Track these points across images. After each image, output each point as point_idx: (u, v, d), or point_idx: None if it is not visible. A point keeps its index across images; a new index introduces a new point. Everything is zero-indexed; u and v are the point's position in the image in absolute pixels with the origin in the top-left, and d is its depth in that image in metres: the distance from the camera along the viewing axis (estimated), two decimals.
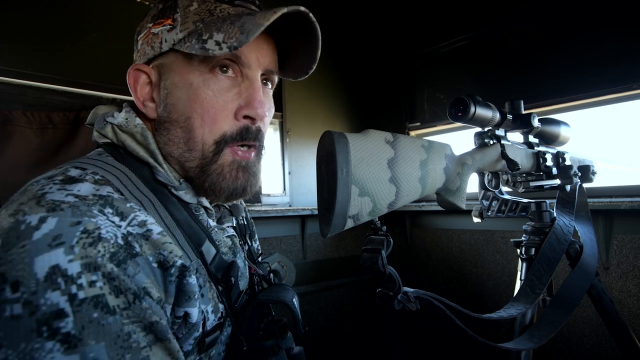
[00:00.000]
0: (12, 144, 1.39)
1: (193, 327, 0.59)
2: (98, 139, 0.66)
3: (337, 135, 0.61)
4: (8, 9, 1.40)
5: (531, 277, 0.93)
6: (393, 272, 0.64)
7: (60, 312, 0.43)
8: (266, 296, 0.69)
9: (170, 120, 0.64)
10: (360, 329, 2.38)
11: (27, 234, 0.45)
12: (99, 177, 0.57)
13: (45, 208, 0.48)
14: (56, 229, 0.46)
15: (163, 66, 0.65)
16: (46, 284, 0.43)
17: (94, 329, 0.44)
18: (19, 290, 0.42)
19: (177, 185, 0.64)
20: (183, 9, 0.63)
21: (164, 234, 0.56)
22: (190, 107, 0.63)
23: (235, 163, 0.65)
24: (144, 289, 0.50)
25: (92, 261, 0.46)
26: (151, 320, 0.49)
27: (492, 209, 0.99)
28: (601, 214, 1.69)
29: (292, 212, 2.10)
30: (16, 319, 0.42)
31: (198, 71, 0.63)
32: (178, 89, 0.63)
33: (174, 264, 0.55)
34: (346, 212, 0.60)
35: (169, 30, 0.63)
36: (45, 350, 0.41)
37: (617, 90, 1.72)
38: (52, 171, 0.58)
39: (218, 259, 0.65)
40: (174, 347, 0.51)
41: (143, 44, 0.67)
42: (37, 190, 0.52)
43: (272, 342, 0.65)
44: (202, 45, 0.58)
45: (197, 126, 0.63)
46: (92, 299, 0.45)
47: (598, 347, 1.72)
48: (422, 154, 0.74)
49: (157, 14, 0.66)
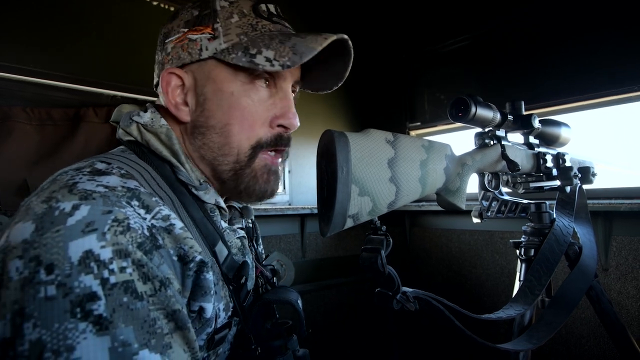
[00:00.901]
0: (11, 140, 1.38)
1: (206, 323, 0.61)
2: (123, 137, 0.68)
3: (338, 134, 0.61)
4: (9, 6, 1.39)
5: (530, 278, 0.93)
6: (392, 272, 0.64)
7: (93, 295, 0.44)
8: (272, 296, 0.70)
9: (207, 125, 0.67)
10: (359, 328, 2.38)
11: (61, 220, 0.47)
12: (124, 172, 0.59)
13: (77, 196, 0.50)
14: (89, 216, 0.48)
15: (200, 72, 0.67)
16: (80, 267, 0.45)
17: (124, 313, 0.45)
18: (54, 273, 0.44)
19: (198, 185, 0.66)
20: (224, 20, 0.66)
21: (186, 230, 0.58)
22: (230, 114, 0.66)
23: (266, 167, 0.70)
24: (167, 278, 0.52)
25: (123, 248, 0.48)
26: (174, 309, 0.51)
27: (491, 210, 0.99)
28: (601, 216, 1.69)
29: (291, 210, 2.10)
30: (50, 299, 0.43)
31: (240, 81, 0.66)
32: (218, 96, 0.66)
33: (193, 259, 0.57)
34: (346, 211, 0.60)
35: (210, 39, 0.65)
36: (78, 330, 0.43)
37: (618, 91, 1.72)
38: (77, 164, 0.60)
39: (230, 259, 0.66)
40: (192, 336, 0.53)
41: (176, 48, 0.68)
42: (68, 180, 0.53)
43: (280, 342, 0.67)
44: (251, 60, 0.62)
45: (235, 132, 0.66)
46: (123, 284, 0.47)
47: (596, 348, 1.72)
48: (423, 153, 0.73)
49: (192, 20, 0.67)
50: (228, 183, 0.69)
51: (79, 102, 1.56)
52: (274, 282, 0.78)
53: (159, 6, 1.74)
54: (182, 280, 0.57)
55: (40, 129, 1.45)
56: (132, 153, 0.66)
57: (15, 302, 0.43)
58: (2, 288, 0.44)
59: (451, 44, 2.32)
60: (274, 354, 0.65)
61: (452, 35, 2.29)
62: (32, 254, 0.45)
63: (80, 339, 0.43)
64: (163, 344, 0.48)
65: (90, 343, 0.43)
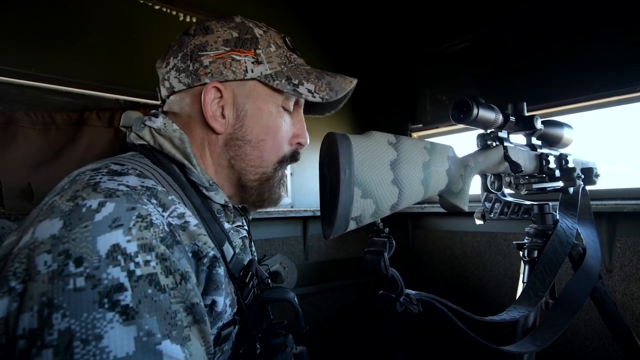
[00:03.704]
0: (15, 144, 1.39)
1: (218, 316, 0.63)
2: (135, 140, 0.71)
3: (340, 136, 0.61)
4: (9, 9, 1.40)
5: (534, 279, 0.92)
6: (395, 274, 0.64)
7: (120, 286, 0.46)
8: (269, 295, 0.71)
9: (244, 139, 0.73)
10: (362, 330, 2.38)
11: (88, 216, 0.50)
12: (139, 172, 0.62)
13: (102, 194, 0.53)
14: (115, 213, 0.51)
15: (241, 90, 0.73)
16: (108, 260, 0.47)
17: (148, 304, 0.47)
18: (82, 265, 0.46)
19: (208, 186, 0.70)
20: (264, 48, 0.73)
21: (200, 226, 0.61)
22: (266, 131, 0.74)
23: (280, 178, 0.79)
24: (187, 272, 0.54)
25: (148, 242, 0.51)
26: (193, 302, 0.53)
27: (494, 211, 0.99)
28: (604, 217, 1.68)
29: (294, 213, 2.10)
30: (79, 291, 0.45)
31: (275, 104, 0.74)
32: (258, 114, 0.73)
33: (207, 254, 0.60)
34: (349, 213, 0.60)
35: (254, 63, 0.72)
36: (106, 320, 0.45)
37: (621, 92, 1.72)
38: (92, 165, 0.63)
39: (235, 258, 0.69)
40: (207, 330, 0.55)
41: (217, 64, 0.72)
42: (89, 180, 0.56)
43: (280, 340, 0.69)
44: (295, 89, 0.72)
45: (268, 148, 0.74)
46: (147, 276, 0.49)
47: (601, 350, 1.71)
48: (425, 155, 0.73)
49: (233, 40, 0.72)
50: (251, 191, 0.76)
51: (82, 105, 1.57)
52: (268, 283, 0.80)
53: (161, 10, 1.74)
54: (197, 275, 0.59)
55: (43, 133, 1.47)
56: (143, 157, 0.68)
57: (44, 294, 0.45)
58: (30, 281, 0.46)
59: (452, 46, 2.32)
60: (273, 352, 0.67)
61: (454, 37, 2.30)
62: (61, 248, 0.47)
63: (108, 328, 0.44)
64: (183, 336, 0.50)
65: (117, 332, 0.44)
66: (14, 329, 0.44)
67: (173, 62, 0.73)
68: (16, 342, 0.44)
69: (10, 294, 0.45)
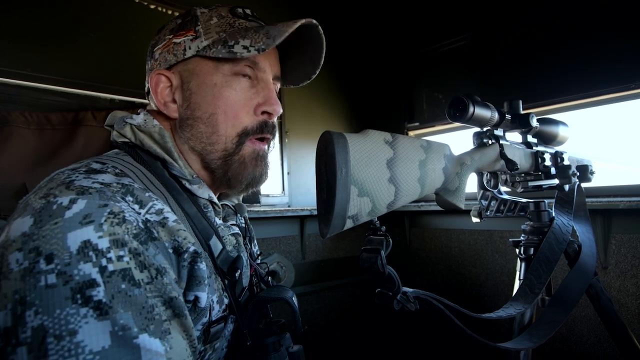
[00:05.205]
0: (10, 144, 1.38)
1: (202, 312, 0.63)
2: (117, 138, 0.71)
3: (336, 135, 0.61)
4: (6, 9, 1.39)
5: (530, 276, 0.93)
6: (392, 272, 0.64)
7: (92, 282, 0.46)
8: (267, 294, 0.71)
9: (194, 117, 0.71)
10: (360, 329, 2.38)
11: (59, 213, 0.49)
12: (119, 171, 0.62)
13: (74, 192, 0.53)
14: (86, 209, 0.51)
15: (186, 70, 0.72)
16: (79, 256, 0.47)
17: (122, 299, 0.47)
18: (53, 262, 0.46)
19: (191, 179, 0.69)
20: (204, 22, 0.72)
21: (179, 222, 0.60)
22: (214, 104, 0.70)
23: (254, 153, 0.73)
24: (163, 267, 0.54)
25: (120, 238, 0.50)
26: (171, 296, 0.53)
27: (490, 209, 0.99)
28: (599, 214, 1.69)
29: (291, 212, 2.10)
30: (51, 287, 0.45)
31: (221, 74, 0.70)
32: (202, 89, 0.70)
33: (187, 250, 0.59)
34: (345, 212, 0.60)
35: (192, 40, 0.70)
36: (79, 315, 0.45)
37: (616, 89, 1.73)
38: (74, 164, 0.63)
39: (224, 253, 0.68)
40: (189, 324, 0.55)
41: (163, 53, 0.73)
42: (65, 178, 0.56)
43: (274, 339, 0.68)
44: (230, 50, 0.67)
45: (221, 121, 0.70)
46: (121, 271, 0.49)
47: (597, 346, 1.72)
48: (421, 154, 0.74)
49: (176, 27, 0.73)
50: (217, 171, 0.72)
51: (77, 105, 1.56)
52: (268, 281, 0.80)
53: (157, 9, 1.74)
54: (178, 271, 0.59)
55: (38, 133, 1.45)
56: (126, 155, 0.68)
57: (16, 292, 0.45)
58: (3, 280, 0.46)
59: (449, 44, 2.32)
60: (267, 351, 0.67)
61: (450, 35, 2.30)
62: (31, 245, 0.47)
63: (82, 323, 0.44)
64: (162, 329, 0.49)
65: (91, 327, 0.45)
66: None
67: None
68: None
69: None
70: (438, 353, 2.30)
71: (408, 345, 2.39)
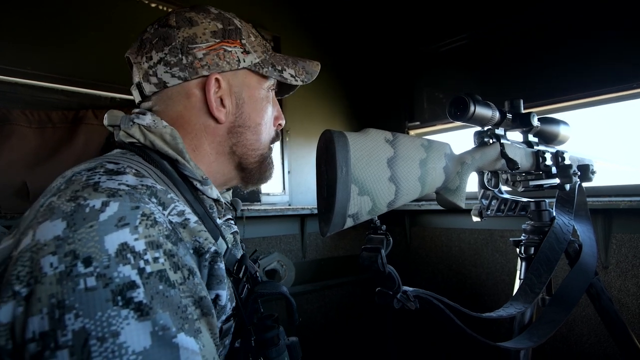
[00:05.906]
0: (11, 143, 1.39)
1: (222, 310, 0.64)
2: (124, 139, 0.70)
3: (337, 134, 0.61)
4: (7, 8, 1.39)
5: (530, 276, 0.93)
6: (392, 271, 0.64)
7: (132, 284, 0.47)
8: (264, 290, 0.72)
9: (244, 125, 0.77)
10: (359, 328, 2.38)
11: (93, 216, 0.50)
12: (135, 171, 0.62)
13: (104, 194, 0.53)
14: (119, 212, 0.51)
15: (235, 79, 0.76)
16: (117, 259, 0.48)
17: (161, 300, 0.48)
18: (92, 265, 0.46)
19: (202, 180, 0.70)
20: (247, 38, 0.77)
21: (199, 223, 0.61)
22: (260, 116, 0.79)
23: (271, 156, 0.85)
24: (193, 268, 0.55)
25: (155, 240, 0.51)
26: (200, 295, 0.54)
27: (491, 208, 0.99)
28: (600, 213, 1.69)
29: (291, 211, 2.10)
30: (91, 290, 0.45)
31: (263, 89, 0.79)
32: (252, 100, 0.78)
33: (208, 250, 0.60)
34: (346, 211, 0.60)
35: (244, 53, 0.76)
36: (121, 317, 0.45)
37: (617, 89, 1.72)
38: (86, 164, 0.62)
39: (229, 253, 0.69)
40: (215, 322, 0.56)
41: (211, 56, 0.73)
42: (87, 180, 0.56)
43: (273, 333, 0.69)
44: (280, 75, 0.79)
45: (263, 131, 0.80)
46: (157, 273, 0.50)
47: (597, 346, 1.72)
48: (422, 153, 0.74)
49: (219, 32, 0.74)
50: (251, 172, 0.81)
51: (77, 104, 1.56)
52: (257, 277, 0.81)
53: (157, 8, 1.74)
54: (199, 271, 0.59)
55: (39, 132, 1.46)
56: (134, 155, 0.67)
57: (52, 295, 0.45)
58: (36, 284, 0.45)
59: (449, 43, 2.32)
60: (267, 345, 0.68)
61: (451, 35, 2.30)
62: (67, 249, 0.47)
63: (124, 324, 0.45)
64: (195, 328, 0.51)
65: (133, 328, 0.45)
66: (22, 334, 0.44)
67: (159, 56, 0.71)
68: (26, 346, 0.43)
69: (14, 298, 0.45)
70: (437, 352, 2.30)
71: (408, 345, 2.39)
